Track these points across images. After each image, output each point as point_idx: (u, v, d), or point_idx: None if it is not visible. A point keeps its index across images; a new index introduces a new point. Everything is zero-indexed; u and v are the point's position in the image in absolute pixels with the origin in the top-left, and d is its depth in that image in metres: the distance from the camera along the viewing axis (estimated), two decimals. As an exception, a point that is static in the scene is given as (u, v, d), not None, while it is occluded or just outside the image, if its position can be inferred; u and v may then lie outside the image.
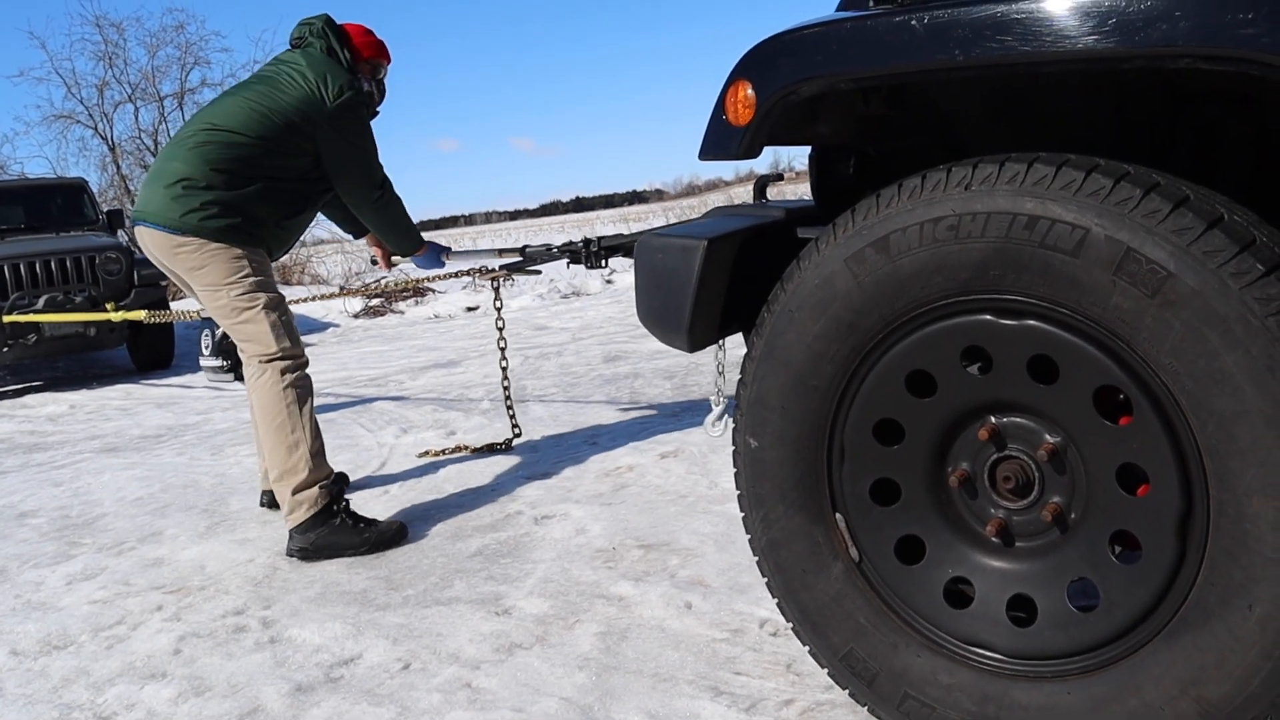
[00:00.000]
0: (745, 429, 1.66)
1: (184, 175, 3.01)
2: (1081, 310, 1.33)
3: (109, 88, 17.39)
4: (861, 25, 1.51)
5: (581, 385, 5.31)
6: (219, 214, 3.00)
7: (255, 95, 3.11)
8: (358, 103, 3.18)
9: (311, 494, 2.97)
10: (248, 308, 3.03)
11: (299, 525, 2.96)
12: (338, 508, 3.00)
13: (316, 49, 3.24)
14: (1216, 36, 1.21)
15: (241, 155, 3.03)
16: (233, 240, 3.03)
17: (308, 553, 2.94)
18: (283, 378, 3.03)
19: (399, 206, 3.38)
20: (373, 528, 3.00)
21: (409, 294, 11.00)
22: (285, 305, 3.14)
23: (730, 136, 1.65)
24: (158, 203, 3.04)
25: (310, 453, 2.99)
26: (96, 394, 6.94)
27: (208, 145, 3.03)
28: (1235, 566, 1.27)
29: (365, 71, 3.35)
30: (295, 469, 2.97)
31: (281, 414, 3.00)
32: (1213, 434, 1.26)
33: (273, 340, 3.03)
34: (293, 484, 2.97)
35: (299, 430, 3.00)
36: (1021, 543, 1.48)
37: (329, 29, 3.27)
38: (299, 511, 2.96)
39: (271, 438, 3.01)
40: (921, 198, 1.45)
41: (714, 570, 2.51)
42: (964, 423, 1.49)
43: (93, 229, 8.43)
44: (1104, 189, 1.31)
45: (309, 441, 3.01)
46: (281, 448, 2.99)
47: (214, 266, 3.03)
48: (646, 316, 1.84)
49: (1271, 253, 1.23)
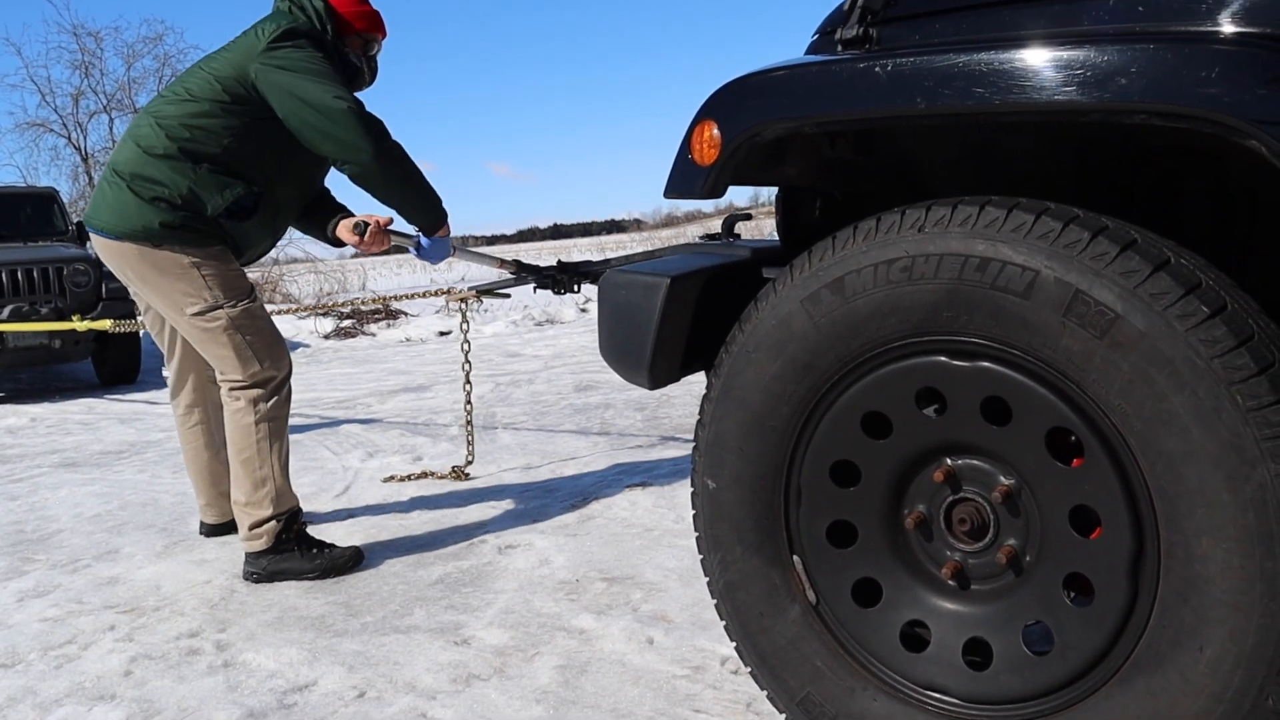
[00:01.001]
0: (703, 470, 1.65)
1: (117, 166, 2.72)
2: (1032, 351, 1.34)
3: (84, 97, 17.34)
4: (827, 69, 1.53)
5: (552, 414, 5.30)
6: (153, 209, 2.67)
7: (196, 64, 2.81)
8: (297, 34, 2.68)
9: (271, 526, 2.92)
10: (208, 329, 2.78)
11: (253, 553, 2.93)
12: (288, 535, 2.94)
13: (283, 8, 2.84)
14: (1171, 94, 1.22)
15: (174, 132, 2.67)
16: (177, 242, 2.70)
17: (260, 577, 2.91)
18: (254, 409, 2.85)
19: (406, 157, 2.71)
20: (325, 553, 2.95)
21: (381, 316, 10.96)
22: (254, 313, 2.83)
23: (695, 176, 1.65)
24: (95, 202, 2.80)
25: (276, 490, 2.91)
26: (58, 407, 6.85)
27: (140, 127, 2.73)
28: (1186, 608, 1.27)
29: (355, 47, 2.94)
30: (259, 504, 2.91)
31: (250, 449, 2.87)
32: (1162, 475, 1.27)
33: (239, 366, 2.82)
34: (254, 517, 2.92)
35: (268, 467, 2.89)
36: (977, 585, 1.48)
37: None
38: (256, 541, 2.92)
39: (239, 469, 2.92)
40: (876, 239, 1.46)
41: (677, 605, 2.50)
42: (920, 464, 1.50)
43: (62, 240, 8.32)
44: (1054, 231, 1.32)
45: (276, 479, 2.91)
46: (248, 481, 2.91)
47: (162, 281, 2.75)
48: (609, 353, 1.83)
49: (1217, 295, 1.25)
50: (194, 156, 2.70)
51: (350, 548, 3.02)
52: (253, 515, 2.92)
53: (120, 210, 2.73)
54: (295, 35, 2.70)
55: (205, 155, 2.71)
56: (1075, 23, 1.43)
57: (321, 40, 2.79)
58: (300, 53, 2.67)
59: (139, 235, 2.72)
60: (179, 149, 2.70)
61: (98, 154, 17.44)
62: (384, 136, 2.65)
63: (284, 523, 2.94)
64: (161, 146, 2.70)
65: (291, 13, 2.83)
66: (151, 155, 2.70)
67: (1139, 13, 1.38)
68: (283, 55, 2.65)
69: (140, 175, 2.71)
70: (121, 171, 2.73)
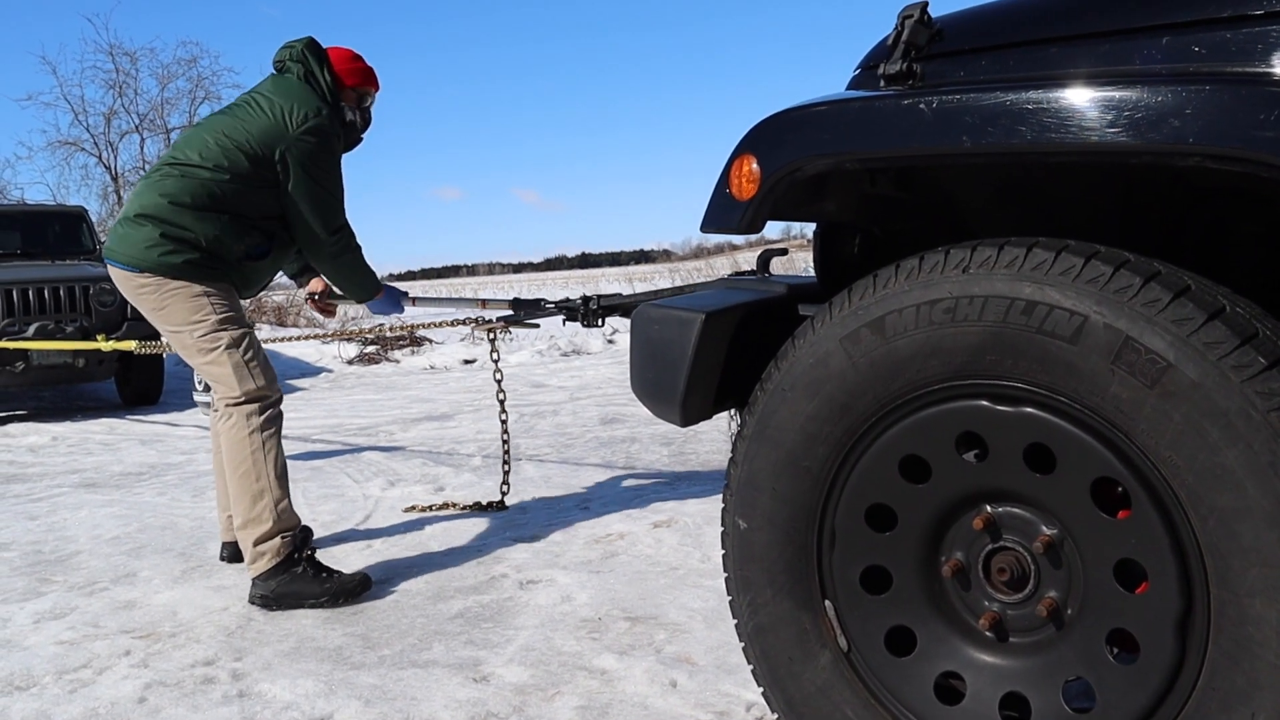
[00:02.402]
0: (734, 509, 1.62)
1: (141, 210, 2.94)
2: (1079, 399, 1.30)
3: (117, 116, 17.43)
4: (870, 105, 1.51)
5: (576, 447, 5.27)
6: (177, 249, 2.91)
7: (219, 125, 3.01)
8: (324, 132, 3.01)
9: (274, 544, 2.91)
10: (210, 349, 2.95)
11: (260, 574, 2.91)
12: (299, 556, 2.94)
13: (293, 74, 3.11)
14: (1227, 137, 1.19)
15: (203, 188, 2.92)
16: (192, 276, 2.94)
17: (269, 601, 2.89)
18: (248, 422, 2.95)
19: (356, 256, 3.19)
20: (334, 578, 2.94)
21: (405, 343, 10.98)
22: (252, 341, 3.04)
23: (733, 210, 1.64)
24: (117, 238, 2.99)
25: (275, 502, 2.93)
26: (80, 427, 6.89)
27: (167, 179, 2.95)
28: (1237, 671, 1.22)
29: (350, 100, 3.23)
30: (259, 519, 2.92)
31: (246, 461, 2.94)
32: (1213, 531, 1.22)
33: (236, 382, 2.95)
34: (255, 534, 2.91)
35: (264, 479, 2.94)
36: (1016, 638, 1.43)
37: (309, 52, 3.14)
38: (260, 561, 2.91)
39: (236, 485, 2.95)
40: (919, 279, 1.43)
41: (702, 648, 2.45)
42: (958, 511, 1.45)
43: (89, 259, 8.39)
44: (1103, 276, 1.29)
45: (274, 491, 2.94)
46: (246, 496, 2.93)
47: (175, 307, 2.95)
48: (640, 388, 1.81)
49: (1274, 346, 1.21)
50: (220, 210, 2.95)
51: (358, 573, 3.01)
52: (254, 532, 2.91)
53: (144, 248, 2.92)
54: (323, 139, 3.01)
55: (230, 210, 2.97)
56: (1126, 62, 1.40)
57: (334, 129, 3.08)
58: (323, 161, 3.02)
59: (160, 269, 2.93)
60: (207, 204, 2.94)
61: (128, 173, 17.60)
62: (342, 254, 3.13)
63: (292, 542, 2.93)
64: (190, 199, 2.93)
65: (309, 82, 3.09)
66: (179, 205, 2.94)
67: (1193, 53, 1.35)
68: (308, 157, 2.98)
69: (168, 221, 2.93)
70: (150, 215, 2.94)
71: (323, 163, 3.03)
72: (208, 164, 2.93)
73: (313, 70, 3.12)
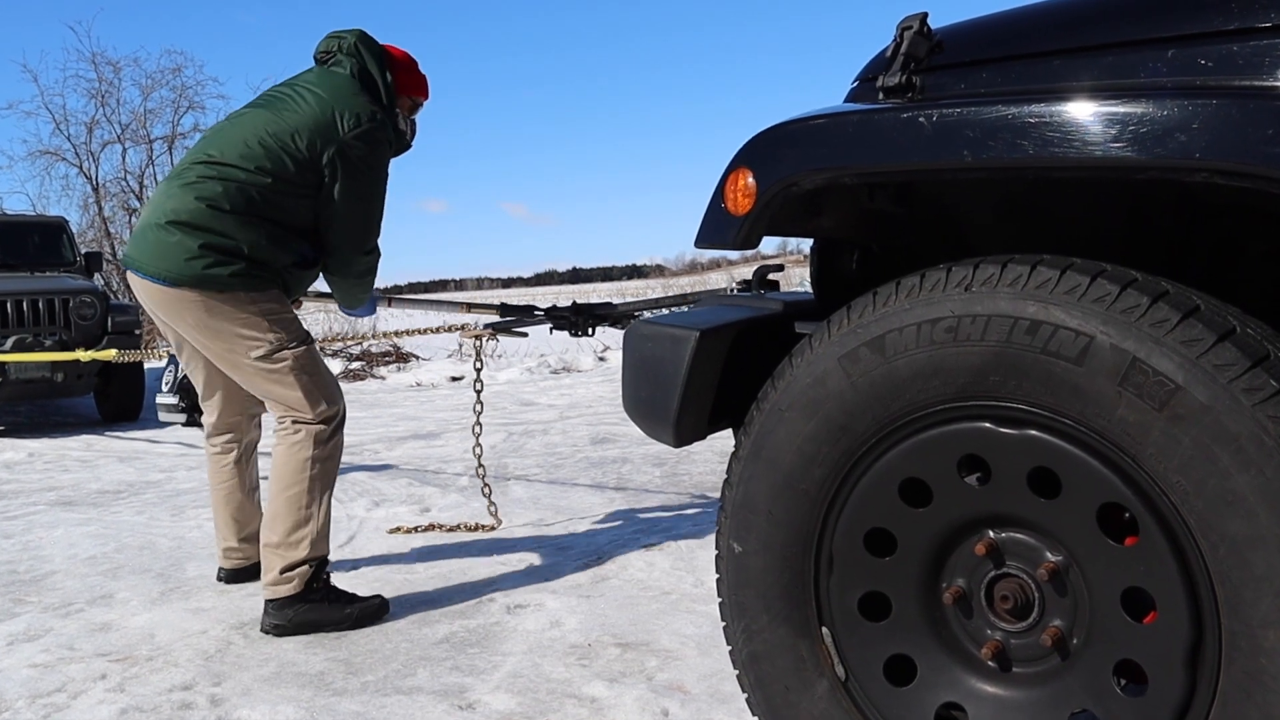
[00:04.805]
0: (729, 533, 1.57)
1: (178, 216, 2.67)
2: (1085, 421, 1.27)
3: (99, 126, 17.24)
4: (868, 119, 1.48)
5: (566, 467, 5.21)
6: (222, 260, 2.65)
7: (260, 122, 2.74)
8: (378, 138, 2.77)
9: (302, 571, 2.79)
10: (273, 370, 2.75)
11: (278, 600, 2.78)
12: (319, 584, 2.82)
13: (345, 69, 2.85)
14: (1235, 152, 1.16)
15: (243, 194, 2.67)
16: (239, 288, 2.69)
17: (284, 629, 2.77)
18: (314, 444, 2.77)
19: (374, 276, 3.01)
20: (355, 603, 2.84)
21: (391, 359, 10.91)
22: (315, 354, 2.82)
23: (728, 225, 1.60)
24: (149, 248, 2.71)
25: (317, 533, 2.80)
26: (57, 443, 6.77)
27: (205, 180, 2.68)
28: (1250, 705, 1.18)
29: (404, 108, 3.00)
30: (297, 545, 2.78)
31: (301, 484, 2.77)
32: (1224, 559, 1.18)
33: (309, 405, 2.77)
34: (289, 559, 2.78)
35: (314, 507, 2.79)
36: (1019, 668, 1.38)
37: (363, 46, 2.88)
38: (284, 586, 2.78)
39: (283, 505, 2.78)
40: (920, 297, 1.39)
41: (694, 675, 2.39)
42: (960, 536, 1.41)
43: (69, 270, 8.24)
44: (1110, 295, 1.25)
45: (319, 520, 2.80)
46: (290, 519, 2.77)
47: (224, 324, 2.71)
48: (632, 408, 1.76)
49: (1287, 369, 1.17)
50: (261, 216, 2.71)
51: (376, 597, 2.91)
52: (286, 558, 2.78)
53: (184, 260, 2.67)
54: (376, 145, 2.78)
55: (271, 217, 2.73)
56: (1131, 75, 1.37)
57: (388, 135, 2.85)
58: (374, 169, 2.80)
59: (202, 283, 2.68)
60: (247, 209, 2.70)
61: (109, 184, 17.42)
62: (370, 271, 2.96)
63: (315, 569, 2.82)
64: (229, 204, 2.68)
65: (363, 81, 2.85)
66: (219, 210, 2.68)
67: (1200, 66, 1.32)
68: (359, 164, 2.75)
69: (208, 228, 2.67)
70: (184, 222, 2.68)
71: (372, 173, 2.80)
72: (249, 166, 2.68)
73: (368, 68, 2.87)
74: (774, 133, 1.56)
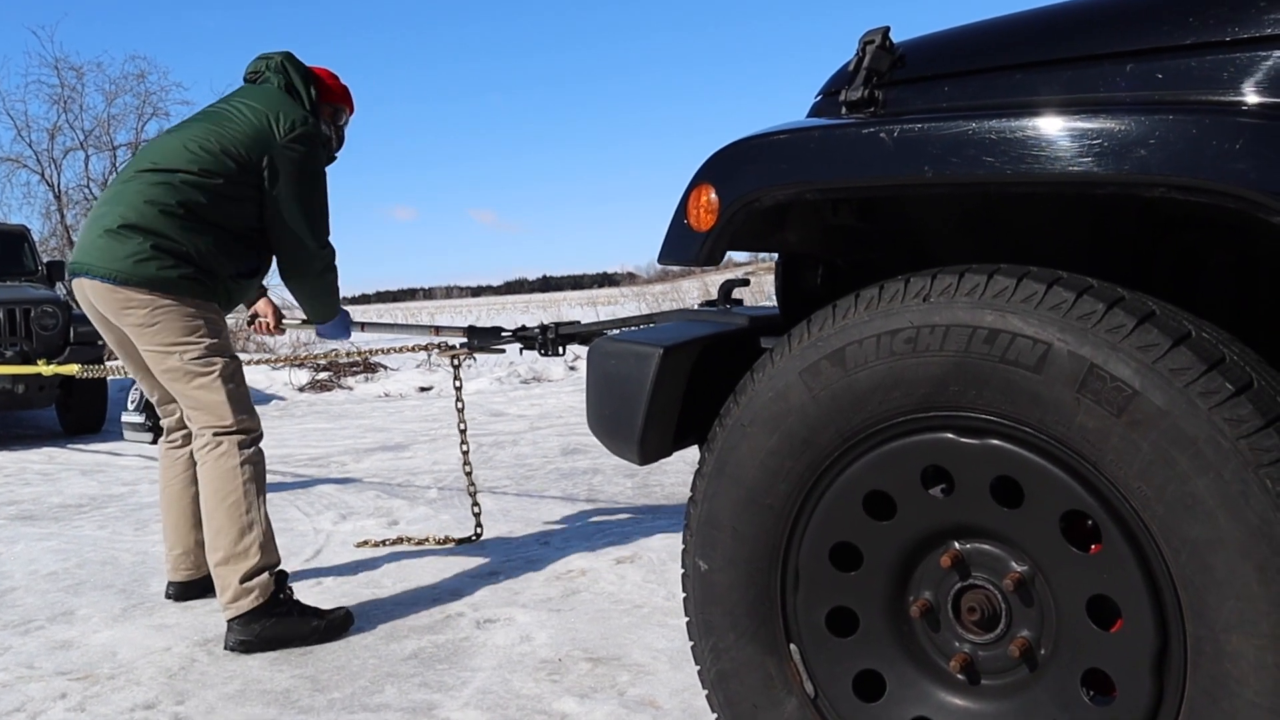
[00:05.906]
0: (694, 550, 1.56)
1: (128, 220, 2.76)
2: (1045, 429, 1.27)
3: (61, 133, 17.10)
4: (830, 134, 1.48)
5: (536, 479, 5.18)
6: (171, 264, 2.76)
7: (200, 132, 2.87)
8: (312, 140, 2.92)
9: (262, 580, 2.77)
10: (202, 373, 2.81)
11: (242, 616, 2.75)
12: (284, 596, 2.81)
13: (273, 84, 3.04)
14: (1193, 168, 1.16)
15: (189, 198, 2.78)
16: (186, 292, 2.79)
17: (251, 645, 2.74)
18: (240, 452, 2.82)
19: (335, 273, 3.11)
20: (320, 616, 2.82)
21: (359, 369, 10.78)
22: (241, 371, 2.92)
23: (691, 241, 1.60)
24: (99, 251, 2.78)
25: (264, 536, 2.81)
26: (17, 456, 6.68)
27: (153, 186, 2.79)
28: (1216, 710, 1.18)
29: (325, 115, 3.18)
30: (247, 553, 2.77)
31: (236, 492, 2.79)
32: (1186, 564, 1.18)
33: (229, 412, 2.82)
34: (242, 569, 2.76)
35: (254, 511, 2.81)
36: (988, 680, 1.37)
37: (289, 64, 3.08)
38: (245, 600, 2.75)
39: (223, 517, 2.80)
40: (879, 309, 1.39)
41: (666, 690, 2.37)
42: (926, 548, 1.40)
43: (30, 280, 8.12)
44: (1066, 302, 1.26)
45: (262, 524, 2.82)
46: (234, 529, 2.79)
47: (166, 324, 2.79)
48: (597, 425, 1.75)
49: (1242, 371, 1.17)
50: (209, 221, 2.83)
51: (341, 609, 2.90)
52: (240, 568, 2.77)
53: (134, 261, 2.75)
54: (312, 146, 2.92)
55: (218, 221, 2.85)
56: (1090, 89, 1.38)
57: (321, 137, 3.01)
58: (312, 169, 2.93)
59: (152, 283, 2.76)
60: (197, 213, 2.80)
61: (71, 191, 17.21)
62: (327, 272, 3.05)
63: (276, 580, 2.81)
64: (179, 207, 2.79)
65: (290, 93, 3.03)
66: (169, 214, 2.77)
67: (1158, 80, 1.33)
68: (297, 165, 2.88)
69: (158, 232, 2.77)
70: (134, 224, 2.77)
71: (312, 171, 2.94)
72: (193, 172, 2.79)
73: (293, 82, 3.06)
74: (736, 148, 1.56)
